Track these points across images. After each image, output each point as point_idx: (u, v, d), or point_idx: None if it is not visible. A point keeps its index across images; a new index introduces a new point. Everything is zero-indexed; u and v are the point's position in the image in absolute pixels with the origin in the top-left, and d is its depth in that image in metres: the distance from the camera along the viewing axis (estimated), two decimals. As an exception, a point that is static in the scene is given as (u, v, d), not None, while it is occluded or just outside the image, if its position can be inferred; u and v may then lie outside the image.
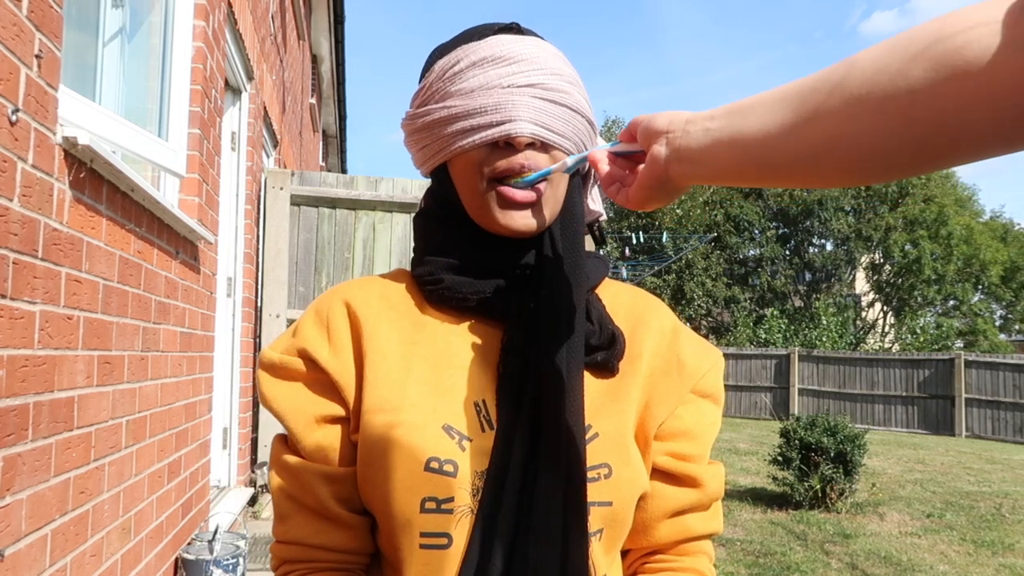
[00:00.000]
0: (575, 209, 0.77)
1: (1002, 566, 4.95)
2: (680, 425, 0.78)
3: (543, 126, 0.71)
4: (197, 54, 2.82)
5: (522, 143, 0.71)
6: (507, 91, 0.71)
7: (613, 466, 0.72)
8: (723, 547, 5.22)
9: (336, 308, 0.78)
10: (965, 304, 26.50)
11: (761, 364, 16.61)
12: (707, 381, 0.80)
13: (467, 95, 0.72)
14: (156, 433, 2.45)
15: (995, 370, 13.74)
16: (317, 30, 8.29)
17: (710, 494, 0.79)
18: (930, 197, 26.07)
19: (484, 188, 0.73)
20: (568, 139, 0.73)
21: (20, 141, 1.45)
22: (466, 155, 0.74)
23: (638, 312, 0.82)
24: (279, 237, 4.58)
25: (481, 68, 0.72)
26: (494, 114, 0.71)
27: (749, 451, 10.14)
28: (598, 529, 0.72)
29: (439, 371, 0.75)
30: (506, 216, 0.73)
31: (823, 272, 27.46)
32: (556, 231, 0.76)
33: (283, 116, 5.95)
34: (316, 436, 0.74)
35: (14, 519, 1.45)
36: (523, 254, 0.76)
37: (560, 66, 0.74)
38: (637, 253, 24.46)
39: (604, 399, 0.76)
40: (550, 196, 0.74)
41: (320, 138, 11.03)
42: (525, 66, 0.72)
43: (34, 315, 1.52)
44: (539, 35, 0.78)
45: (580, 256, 0.75)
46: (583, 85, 0.77)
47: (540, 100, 0.71)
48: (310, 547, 0.75)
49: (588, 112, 0.75)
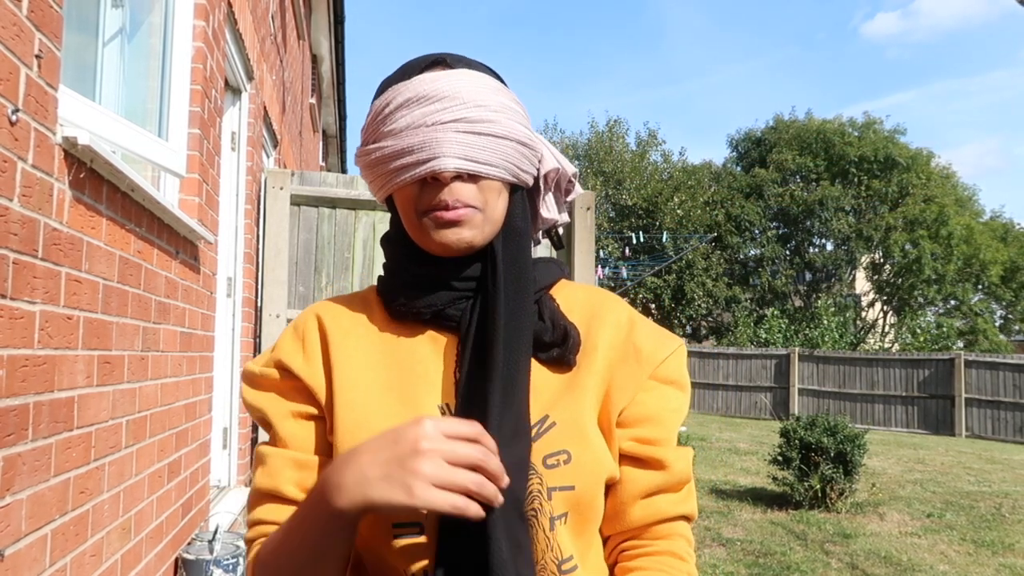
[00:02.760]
0: (516, 222, 0.83)
1: (1002, 566, 4.95)
2: (643, 411, 0.83)
3: (467, 158, 0.76)
4: (197, 54, 2.83)
5: (447, 178, 0.76)
6: (431, 129, 0.76)
7: (572, 452, 0.78)
8: (723, 547, 5.22)
9: (310, 323, 0.87)
10: (965, 304, 26.48)
11: (761, 364, 16.61)
12: (668, 368, 0.85)
13: (397, 135, 0.78)
14: (156, 433, 2.45)
15: (995, 370, 13.74)
16: (317, 30, 8.29)
17: (677, 475, 0.83)
18: (930, 197, 26.05)
19: (418, 219, 0.80)
20: (495, 166, 0.78)
21: (20, 141, 1.45)
22: (402, 191, 0.80)
23: (593, 308, 0.88)
24: (279, 237, 4.58)
25: (408, 108, 0.77)
26: (419, 152, 0.76)
27: (749, 451, 10.14)
28: (563, 513, 0.77)
29: (404, 379, 0.82)
30: (439, 235, 0.78)
31: (823, 272, 27.45)
32: (498, 244, 0.82)
33: (283, 116, 5.96)
34: (291, 425, 0.82)
35: (14, 519, 1.45)
36: (468, 267, 0.82)
37: (484, 96, 0.78)
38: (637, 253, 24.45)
39: (561, 391, 0.81)
40: (483, 217, 0.79)
41: (320, 138, 11.04)
42: (448, 102, 0.76)
43: (34, 315, 1.52)
44: (472, 62, 0.83)
45: (523, 264, 0.82)
46: (518, 107, 0.81)
47: (464, 134, 0.76)
48: (270, 524, 0.80)
49: (519, 134, 0.79)
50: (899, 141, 27.01)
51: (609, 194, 26.63)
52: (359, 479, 0.65)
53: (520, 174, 0.81)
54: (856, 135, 27.06)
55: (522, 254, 0.83)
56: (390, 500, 0.63)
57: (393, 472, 0.63)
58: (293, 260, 4.66)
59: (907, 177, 26.17)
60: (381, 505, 0.64)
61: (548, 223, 0.90)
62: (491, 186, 0.79)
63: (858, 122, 27.84)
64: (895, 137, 27.09)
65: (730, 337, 23.28)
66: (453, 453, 0.63)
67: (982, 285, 27.22)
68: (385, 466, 0.64)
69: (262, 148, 4.82)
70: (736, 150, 29.94)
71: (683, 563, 0.82)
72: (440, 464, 0.63)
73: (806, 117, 28.37)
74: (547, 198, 0.88)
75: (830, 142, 26.86)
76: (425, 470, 0.62)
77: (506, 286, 0.80)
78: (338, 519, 0.67)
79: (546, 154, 0.86)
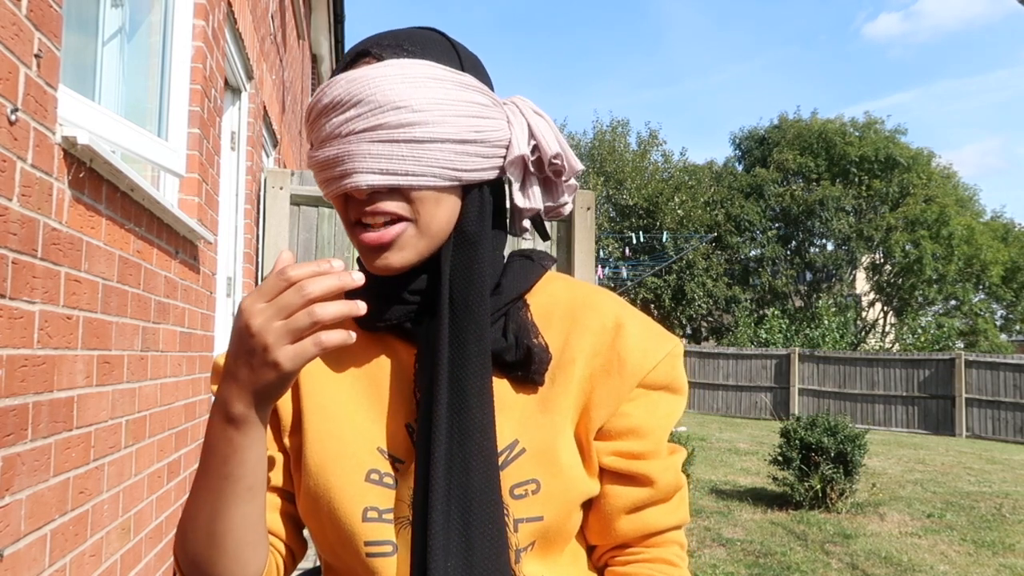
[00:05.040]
0: (469, 228, 0.75)
1: (1002, 566, 4.94)
2: (627, 423, 0.77)
3: (383, 172, 0.70)
4: (197, 53, 2.82)
5: (363, 194, 0.72)
6: (346, 140, 0.71)
7: (542, 481, 0.74)
8: (723, 547, 5.22)
9: None
10: (966, 304, 26.47)
11: (761, 364, 16.60)
12: (659, 373, 0.78)
13: (320, 145, 0.73)
14: (156, 433, 2.45)
15: (995, 370, 13.74)
16: (317, 30, 8.29)
17: (664, 489, 0.79)
18: (931, 197, 26.05)
19: (349, 232, 0.76)
20: (419, 175, 0.71)
21: (19, 141, 1.44)
22: (334, 201, 0.76)
23: (575, 313, 0.81)
24: (279, 237, 4.58)
25: (327, 116, 0.72)
26: (336, 167, 0.71)
27: (749, 451, 10.14)
28: (529, 543, 0.74)
29: (372, 393, 0.79)
30: (367, 259, 0.75)
31: (824, 272, 27.44)
32: (446, 254, 0.75)
33: (283, 116, 5.96)
34: None
35: (13, 519, 1.45)
36: (413, 280, 0.76)
37: (408, 94, 0.70)
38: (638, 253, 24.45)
39: (532, 411, 0.77)
40: (416, 230, 0.73)
41: (320, 138, 11.03)
42: (363, 107, 0.70)
43: (33, 315, 1.52)
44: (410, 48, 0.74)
45: (475, 278, 0.75)
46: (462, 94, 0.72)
47: (380, 143, 0.70)
48: None
49: (456, 131, 0.71)
50: (900, 141, 27.02)
51: (610, 194, 26.63)
52: (237, 385, 0.65)
53: (463, 175, 0.72)
54: (857, 135, 27.06)
55: (474, 262, 0.75)
56: (269, 381, 0.63)
57: (254, 362, 0.63)
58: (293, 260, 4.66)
59: (908, 177, 26.18)
60: (267, 391, 0.64)
61: (531, 212, 0.80)
62: (424, 195, 0.72)
63: (859, 122, 27.85)
64: (896, 137, 27.11)
65: (730, 337, 23.27)
66: (279, 308, 0.62)
67: (983, 285, 27.21)
68: (246, 362, 0.63)
69: (262, 148, 4.82)
70: (739, 148, 29.94)
71: (676, 569, 0.80)
72: (279, 328, 0.62)
73: (810, 117, 28.37)
74: (527, 186, 0.78)
75: (831, 142, 26.86)
76: (271, 341, 0.62)
77: (453, 304, 0.74)
78: (239, 428, 0.66)
79: (516, 138, 0.76)
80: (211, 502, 0.69)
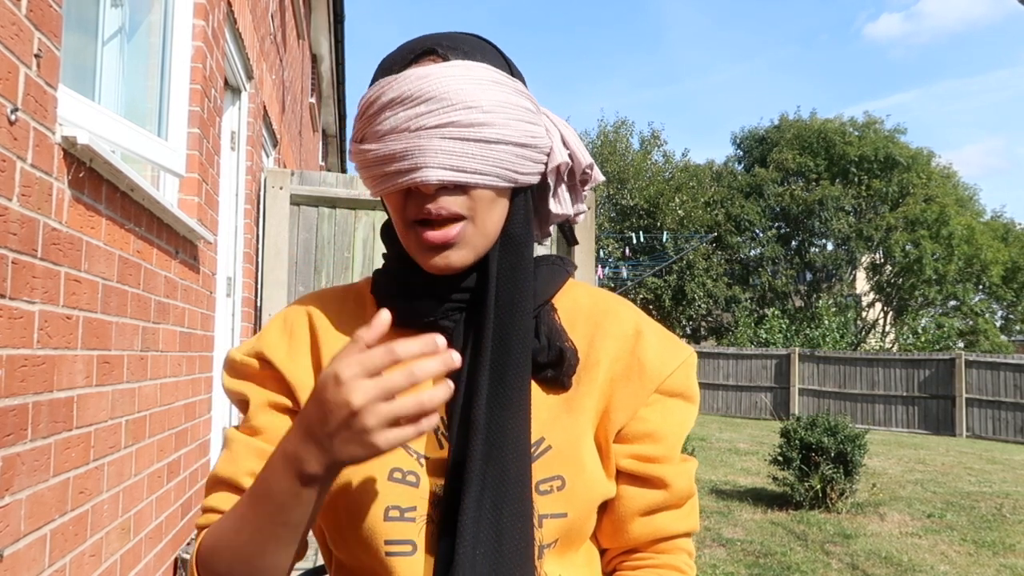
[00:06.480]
0: (516, 231, 0.77)
1: (1003, 566, 4.94)
2: (644, 427, 0.79)
3: (453, 168, 0.70)
4: (196, 53, 2.82)
5: (431, 189, 0.71)
6: (415, 135, 0.70)
7: (566, 478, 0.75)
8: (723, 547, 5.22)
9: (300, 319, 0.83)
10: (966, 304, 26.47)
11: (761, 364, 16.60)
12: (675, 380, 0.81)
13: (381, 139, 0.72)
14: (156, 433, 2.44)
15: (996, 370, 13.73)
16: (317, 29, 8.29)
17: (678, 493, 0.80)
18: (931, 197, 26.04)
19: (405, 229, 0.75)
20: (485, 174, 0.72)
21: (19, 140, 1.44)
22: (389, 197, 0.75)
23: (598, 318, 0.83)
24: (279, 237, 4.58)
25: (392, 110, 0.71)
26: (402, 161, 0.71)
27: (749, 451, 10.14)
28: (553, 540, 0.75)
29: None
30: (425, 257, 0.74)
31: (824, 272, 27.44)
32: (494, 256, 0.76)
33: (283, 116, 5.95)
34: (267, 416, 0.80)
35: (13, 519, 1.45)
36: (463, 279, 0.77)
37: (477, 95, 0.70)
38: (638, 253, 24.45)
39: (558, 412, 0.78)
40: (474, 229, 0.74)
41: (320, 138, 11.03)
42: (435, 104, 0.70)
43: (33, 315, 1.52)
44: (472, 46, 0.75)
45: (521, 280, 0.76)
46: (520, 100, 0.74)
47: (451, 140, 0.70)
48: (220, 512, 0.77)
49: (518, 135, 0.72)
50: (899, 141, 27.02)
51: (611, 194, 26.63)
52: (319, 449, 0.63)
53: (519, 178, 0.74)
54: (856, 135, 27.06)
55: (520, 265, 0.77)
56: (355, 456, 0.62)
57: (347, 436, 0.61)
58: (293, 260, 4.66)
59: (907, 177, 26.17)
60: (352, 462, 0.63)
61: (560, 218, 0.83)
62: (483, 195, 0.73)
63: (859, 122, 27.84)
64: (895, 137, 27.10)
65: (730, 337, 23.27)
66: (384, 390, 0.60)
67: (983, 285, 27.20)
68: (338, 434, 0.62)
69: (262, 148, 4.81)
70: (740, 147, 29.94)
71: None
72: (379, 409, 0.60)
73: (810, 116, 28.37)
74: (559, 192, 0.81)
75: (831, 141, 26.86)
76: (370, 423, 0.60)
77: (498, 304, 0.75)
78: (310, 486, 0.65)
79: (556, 146, 0.78)
80: (260, 541, 0.69)
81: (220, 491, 0.78)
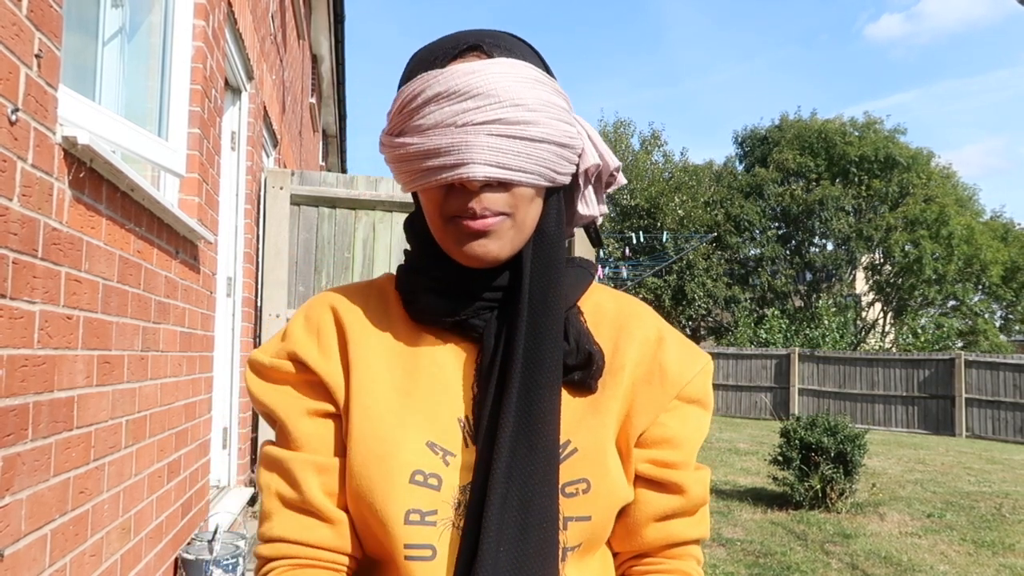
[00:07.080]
0: (550, 229, 0.77)
1: (1002, 566, 4.94)
2: (663, 432, 0.79)
3: (499, 165, 0.69)
4: (197, 54, 2.82)
5: (476, 186, 0.70)
6: (462, 130, 0.69)
7: (592, 481, 0.74)
8: (723, 547, 5.22)
9: (325, 315, 0.81)
10: (965, 304, 26.47)
11: (761, 364, 16.61)
12: (693, 387, 0.81)
13: (424, 133, 0.71)
14: (156, 433, 2.45)
15: (995, 370, 13.74)
16: (317, 30, 8.29)
17: (694, 500, 0.81)
18: (931, 197, 26.03)
19: (443, 224, 0.74)
20: (529, 172, 0.71)
21: (20, 141, 1.45)
22: (427, 192, 0.74)
23: (622, 322, 0.83)
24: (279, 237, 4.58)
25: (437, 104, 0.70)
26: (447, 156, 0.70)
27: (749, 451, 10.14)
28: (577, 543, 0.74)
29: (422, 386, 0.77)
30: (465, 246, 0.73)
31: (823, 272, 27.44)
32: (527, 253, 0.76)
33: (283, 116, 5.96)
34: (308, 425, 0.76)
35: (13, 519, 1.45)
36: (496, 276, 0.77)
37: (523, 93, 0.70)
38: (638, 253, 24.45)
39: (584, 414, 0.78)
40: (513, 224, 0.73)
41: (320, 138, 11.04)
42: (482, 100, 0.69)
43: (33, 315, 1.52)
44: (512, 45, 0.75)
45: (554, 278, 0.76)
46: (559, 100, 0.74)
47: (497, 137, 0.69)
48: (292, 543, 0.74)
49: (559, 134, 0.72)
50: (899, 141, 27.01)
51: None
52: None
53: (557, 177, 0.74)
54: (856, 135, 27.06)
55: (553, 264, 0.76)
56: None
57: None
58: (293, 260, 4.66)
59: (907, 177, 26.17)
60: None
61: (586, 219, 0.83)
62: (524, 192, 0.72)
63: (859, 122, 27.84)
64: (895, 137, 27.10)
65: (730, 337, 23.27)
66: None
67: (982, 285, 27.21)
68: None
69: (262, 148, 4.82)
70: (741, 147, 29.94)
71: None
72: None
73: (811, 116, 28.37)
74: (587, 193, 0.81)
75: (831, 142, 26.85)
76: None
77: (531, 302, 0.75)
78: None
79: (587, 148, 0.78)
80: None
81: (289, 517, 0.75)
